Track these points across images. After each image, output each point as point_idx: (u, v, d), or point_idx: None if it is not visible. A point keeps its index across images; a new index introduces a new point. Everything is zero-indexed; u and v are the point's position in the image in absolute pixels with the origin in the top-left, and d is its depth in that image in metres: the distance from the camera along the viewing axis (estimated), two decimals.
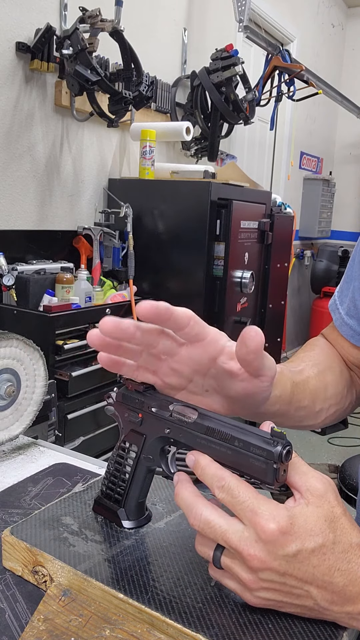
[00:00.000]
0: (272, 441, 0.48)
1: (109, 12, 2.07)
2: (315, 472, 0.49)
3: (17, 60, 1.98)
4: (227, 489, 0.48)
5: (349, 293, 0.78)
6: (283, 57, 2.96)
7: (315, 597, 0.47)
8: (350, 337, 0.78)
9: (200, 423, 0.52)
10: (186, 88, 2.84)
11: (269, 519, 0.46)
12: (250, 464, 0.48)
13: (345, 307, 0.79)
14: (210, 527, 0.48)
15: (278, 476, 0.47)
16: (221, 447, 0.50)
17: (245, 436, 0.49)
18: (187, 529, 0.61)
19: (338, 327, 0.80)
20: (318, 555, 0.46)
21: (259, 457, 0.47)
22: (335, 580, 0.46)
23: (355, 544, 0.47)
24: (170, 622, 0.47)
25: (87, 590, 0.52)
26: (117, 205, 2.30)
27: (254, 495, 0.47)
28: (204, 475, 0.50)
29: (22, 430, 0.87)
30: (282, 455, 0.47)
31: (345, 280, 0.80)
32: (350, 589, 0.46)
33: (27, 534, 0.57)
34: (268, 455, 0.47)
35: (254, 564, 0.46)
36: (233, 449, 0.49)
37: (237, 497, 0.47)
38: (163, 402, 0.56)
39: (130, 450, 0.59)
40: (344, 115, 5.07)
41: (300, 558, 0.46)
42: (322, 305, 4.68)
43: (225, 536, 0.47)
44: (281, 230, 2.77)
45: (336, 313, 0.80)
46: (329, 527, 0.47)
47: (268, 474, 0.47)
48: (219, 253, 2.29)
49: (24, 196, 2.09)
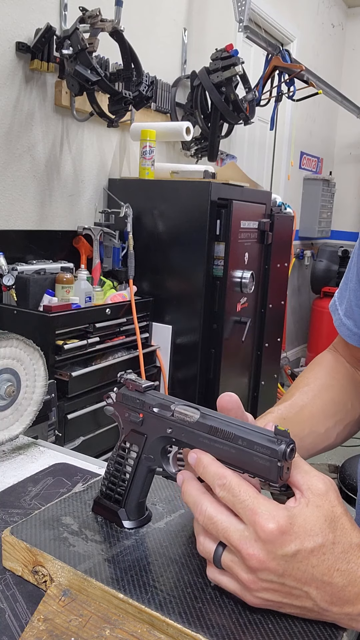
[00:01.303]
0: (276, 439, 0.48)
1: (109, 12, 2.07)
2: (316, 471, 0.50)
3: (17, 60, 1.98)
4: (228, 487, 0.48)
5: (347, 294, 0.79)
6: (283, 57, 2.96)
7: (315, 598, 0.46)
8: (348, 337, 0.79)
9: (203, 422, 0.52)
10: (186, 88, 2.84)
11: (268, 519, 0.46)
12: (254, 462, 0.48)
13: (344, 308, 0.80)
14: (213, 522, 0.48)
15: (282, 474, 0.47)
16: (224, 446, 0.50)
17: (249, 435, 0.49)
18: (187, 528, 0.61)
19: (337, 327, 0.81)
20: (317, 555, 0.46)
21: (263, 455, 0.48)
22: (334, 580, 0.46)
23: (356, 545, 0.47)
24: (170, 622, 0.47)
25: (87, 590, 0.52)
26: (117, 205, 2.30)
27: (254, 494, 0.47)
28: (205, 473, 0.50)
29: (22, 430, 0.87)
30: (286, 453, 0.47)
31: (344, 282, 0.81)
32: (349, 590, 0.46)
33: (27, 534, 0.57)
34: (272, 454, 0.47)
35: (252, 564, 0.46)
36: (236, 447, 0.49)
37: (238, 496, 0.47)
38: (164, 402, 0.56)
39: (131, 450, 0.59)
40: (344, 115, 5.07)
41: (299, 558, 0.46)
42: (322, 305, 4.68)
43: (227, 533, 0.47)
44: (281, 230, 2.77)
45: (336, 314, 0.81)
46: (328, 527, 0.47)
47: (272, 472, 0.47)
48: (219, 253, 2.29)
49: (24, 196, 2.09)
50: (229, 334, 2.39)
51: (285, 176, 4.36)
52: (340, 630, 0.48)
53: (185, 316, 2.29)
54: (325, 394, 0.75)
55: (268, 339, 2.81)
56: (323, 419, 0.73)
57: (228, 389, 2.48)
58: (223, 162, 3.28)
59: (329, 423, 0.74)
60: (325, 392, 0.76)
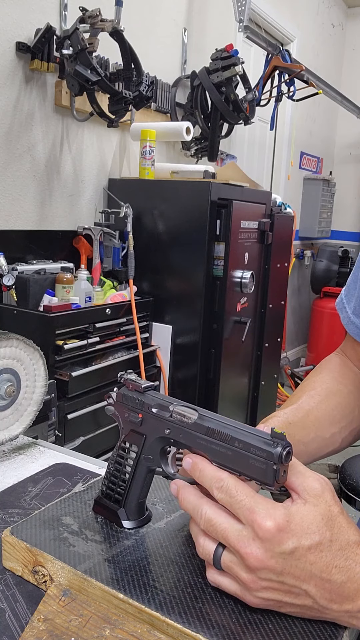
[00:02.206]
0: (272, 442, 0.48)
1: (109, 12, 2.07)
2: (312, 472, 0.50)
3: (17, 60, 1.98)
4: (225, 489, 0.48)
5: (355, 292, 0.78)
6: (283, 57, 2.96)
7: (314, 595, 0.47)
8: (357, 336, 0.78)
9: (200, 424, 0.52)
10: (186, 88, 2.84)
11: (266, 517, 0.46)
12: (250, 464, 0.48)
13: (352, 306, 0.79)
14: (212, 524, 0.48)
15: (278, 477, 0.47)
16: (221, 448, 0.50)
17: (245, 437, 0.49)
18: (187, 529, 0.61)
19: (345, 325, 0.80)
20: (315, 552, 0.46)
21: (259, 457, 0.48)
22: (333, 577, 0.46)
23: (353, 542, 0.47)
24: (170, 622, 0.47)
25: (87, 590, 0.52)
26: (117, 205, 2.30)
27: (251, 494, 0.48)
28: (202, 477, 0.50)
29: (22, 430, 0.87)
30: (282, 457, 0.47)
31: (352, 279, 0.80)
32: (349, 586, 0.46)
33: (27, 534, 0.57)
34: (268, 456, 0.47)
35: (251, 563, 0.46)
36: (233, 449, 0.49)
37: (235, 497, 0.47)
38: (163, 403, 0.56)
39: (131, 451, 0.59)
40: (344, 115, 5.07)
41: (297, 555, 0.46)
42: (322, 305, 4.68)
43: (225, 534, 0.47)
44: (281, 230, 2.77)
45: (343, 312, 0.80)
46: (325, 525, 0.47)
47: (268, 475, 0.47)
48: (219, 253, 2.29)
49: (24, 196, 2.09)
50: (229, 334, 2.39)
51: (285, 176, 4.36)
52: (340, 630, 0.48)
53: (185, 316, 2.29)
54: (332, 399, 0.75)
55: (268, 339, 2.80)
56: (329, 425, 0.73)
57: (228, 389, 2.49)
58: (223, 162, 3.28)
59: (334, 429, 0.73)
60: (332, 397, 0.75)
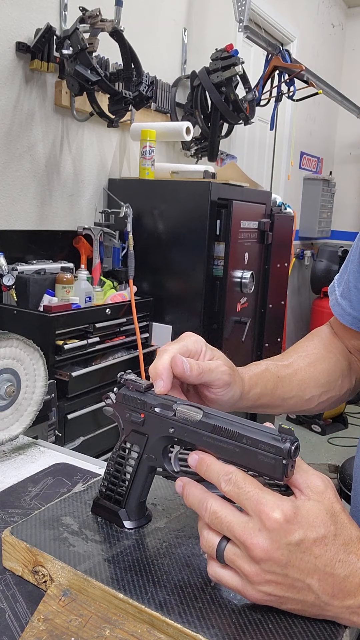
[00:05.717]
0: (281, 437, 0.48)
1: (109, 12, 2.07)
2: (314, 470, 0.50)
3: (17, 60, 1.98)
4: (233, 481, 0.49)
5: (345, 276, 0.83)
6: (283, 57, 2.96)
7: (317, 590, 0.47)
8: (341, 317, 0.82)
9: (206, 422, 0.52)
10: (186, 88, 2.84)
11: (274, 508, 0.47)
12: (258, 460, 0.49)
13: (341, 289, 0.83)
14: (217, 517, 0.49)
15: (287, 472, 0.48)
16: (228, 445, 0.50)
17: (253, 434, 0.49)
18: (187, 528, 0.61)
19: (332, 307, 0.84)
20: (320, 545, 0.47)
21: (267, 453, 0.48)
22: (336, 571, 0.47)
23: (356, 537, 0.48)
24: (170, 622, 0.47)
25: (87, 590, 0.52)
26: (117, 205, 2.30)
27: (259, 487, 0.48)
28: (209, 472, 0.51)
29: (22, 430, 0.87)
30: (290, 451, 0.48)
31: (344, 265, 0.85)
32: (350, 581, 0.47)
33: (27, 534, 0.57)
34: (277, 452, 0.48)
35: (257, 554, 0.46)
36: (241, 446, 0.50)
37: (243, 488, 0.48)
38: (166, 402, 0.56)
39: (132, 451, 0.59)
40: (344, 115, 5.07)
41: (302, 547, 0.46)
42: (322, 305, 4.68)
43: (230, 526, 0.48)
44: (281, 230, 2.77)
45: (332, 294, 0.85)
46: (330, 519, 0.48)
47: (277, 470, 0.48)
48: (219, 253, 2.28)
49: (24, 196, 2.09)
50: (229, 334, 2.38)
51: (285, 176, 4.36)
52: (340, 630, 0.48)
53: (185, 316, 2.29)
54: (320, 364, 0.80)
55: (268, 339, 2.80)
56: (312, 387, 0.78)
57: None
58: (223, 162, 3.27)
59: (315, 392, 0.78)
60: (321, 362, 0.80)
